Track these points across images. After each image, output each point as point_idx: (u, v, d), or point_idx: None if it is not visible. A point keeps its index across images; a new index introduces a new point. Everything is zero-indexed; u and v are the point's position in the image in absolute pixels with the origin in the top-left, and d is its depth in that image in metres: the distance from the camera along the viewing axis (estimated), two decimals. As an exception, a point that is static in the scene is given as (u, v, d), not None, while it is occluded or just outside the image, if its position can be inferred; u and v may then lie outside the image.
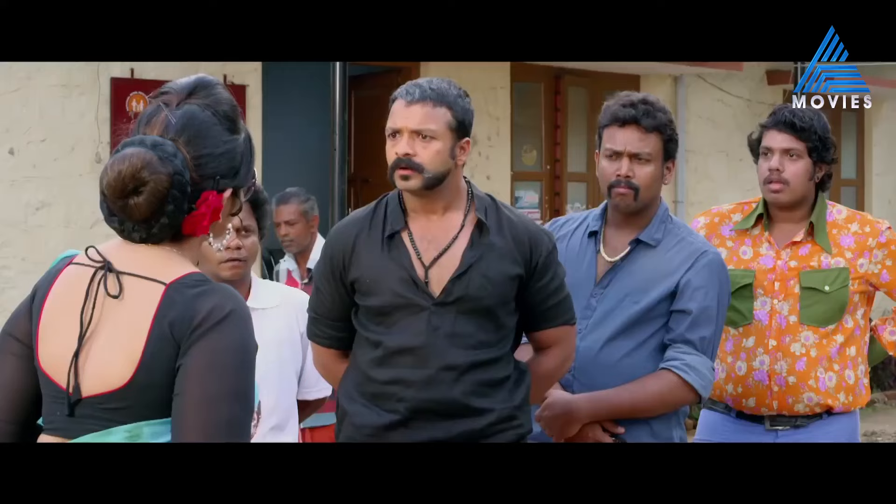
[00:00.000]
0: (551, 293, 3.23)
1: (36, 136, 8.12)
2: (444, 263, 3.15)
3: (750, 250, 4.08)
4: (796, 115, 4.00)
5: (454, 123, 3.14)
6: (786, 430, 4.02)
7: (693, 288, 3.47)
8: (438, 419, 3.12)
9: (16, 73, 8.07)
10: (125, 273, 2.16)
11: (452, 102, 3.14)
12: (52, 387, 2.18)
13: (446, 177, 3.15)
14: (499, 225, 3.19)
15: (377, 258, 3.17)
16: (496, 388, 3.16)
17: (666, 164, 3.55)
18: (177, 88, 2.23)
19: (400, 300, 3.14)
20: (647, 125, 3.50)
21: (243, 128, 2.28)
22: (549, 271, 3.21)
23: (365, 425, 3.17)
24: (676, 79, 11.90)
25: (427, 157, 3.11)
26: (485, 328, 3.15)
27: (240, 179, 2.25)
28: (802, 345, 4.00)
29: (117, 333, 2.14)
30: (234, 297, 2.19)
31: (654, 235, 3.55)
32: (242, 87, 9.07)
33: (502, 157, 10.70)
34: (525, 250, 3.18)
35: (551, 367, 3.30)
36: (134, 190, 2.12)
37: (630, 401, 3.42)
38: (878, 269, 4.03)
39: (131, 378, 2.12)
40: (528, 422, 3.24)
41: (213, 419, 2.09)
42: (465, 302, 3.13)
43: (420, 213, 3.19)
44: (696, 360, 3.43)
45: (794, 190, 4.01)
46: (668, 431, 3.51)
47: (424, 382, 3.12)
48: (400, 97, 3.16)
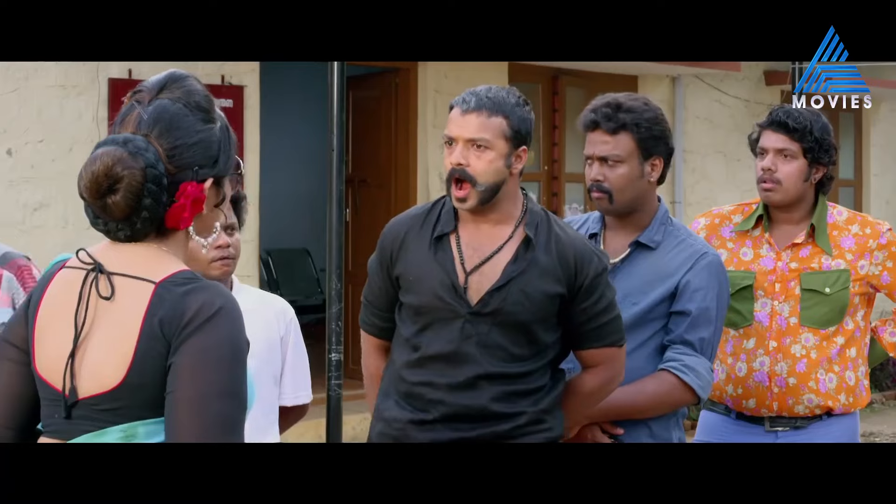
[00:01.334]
0: (597, 314, 3.19)
1: (34, 137, 8.11)
2: (486, 272, 3.16)
3: (750, 252, 4.08)
4: (790, 116, 3.99)
5: (510, 133, 3.15)
6: (786, 430, 4.02)
7: (692, 289, 3.47)
8: (465, 423, 3.14)
9: (14, 73, 8.06)
10: (116, 274, 2.17)
11: (510, 111, 3.15)
12: (48, 390, 2.19)
13: (500, 187, 3.15)
14: (547, 241, 3.18)
15: (423, 257, 3.19)
16: (524, 396, 3.17)
17: (649, 161, 3.51)
18: (149, 86, 2.25)
19: (438, 302, 3.15)
20: (608, 128, 3.48)
21: (219, 117, 2.27)
22: (595, 292, 3.17)
23: (395, 419, 3.20)
24: (674, 79, 11.89)
25: (480, 168, 3.12)
26: (518, 343, 3.15)
27: (219, 168, 2.24)
28: (803, 346, 3.99)
29: (110, 334, 2.15)
30: (224, 293, 2.19)
31: (654, 237, 3.54)
32: (240, 87, 9.06)
33: (500, 158, 10.68)
34: (570, 270, 3.16)
35: (593, 387, 3.27)
36: (109, 188, 2.13)
37: (629, 402, 3.42)
38: (878, 271, 4.02)
39: (124, 378, 2.13)
40: (557, 426, 3.23)
41: (205, 417, 2.09)
42: (501, 315, 3.13)
43: (471, 218, 3.20)
44: (695, 362, 3.43)
45: (786, 190, 4.00)
46: (668, 432, 3.51)
47: (452, 388, 3.14)
48: (456, 105, 3.18)
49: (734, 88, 12.40)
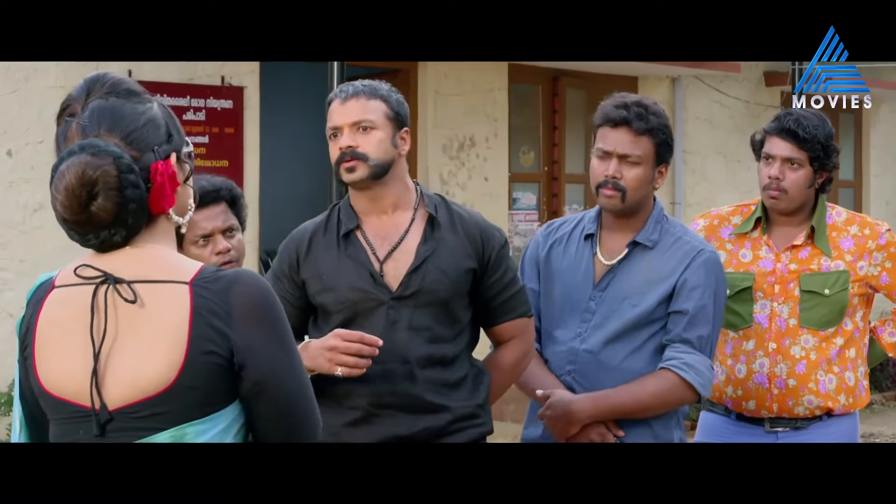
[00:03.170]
0: (505, 286, 3.31)
1: (34, 138, 8.11)
2: (399, 258, 3.22)
3: (749, 253, 4.07)
4: (800, 125, 3.95)
5: (391, 114, 3.25)
6: (786, 431, 4.02)
7: (689, 287, 3.48)
8: (400, 414, 3.16)
9: (13, 74, 8.06)
10: (137, 281, 2.13)
11: (386, 96, 3.27)
12: (69, 409, 2.15)
13: (390, 166, 3.22)
14: (450, 220, 3.27)
15: (333, 256, 3.24)
16: (455, 388, 3.22)
17: (658, 167, 3.55)
18: (74, 97, 2.23)
19: (357, 295, 3.19)
20: (638, 128, 3.49)
21: (151, 96, 2.27)
22: (501, 265, 3.30)
23: (328, 425, 3.15)
24: (674, 80, 11.90)
25: (370, 147, 3.20)
26: (441, 322, 3.21)
27: (175, 143, 2.23)
28: (802, 348, 3.99)
29: (146, 340, 2.11)
30: (254, 275, 2.22)
31: (651, 237, 3.55)
32: (240, 88, 9.06)
33: (500, 159, 10.69)
34: (477, 245, 3.27)
35: (512, 360, 3.36)
36: (89, 195, 2.09)
37: (631, 400, 3.43)
38: (877, 272, 4.02)
39: (174, 380, 2.10)
40: (489, 421, 3.30)
41: (299, 404, 2.23)
42: (423, 295, 3.19)
43: (371, 213, 3.27)
44: (695, 359, 3.44)
45: (792, 198, 3.99)
46: (669, 432, 3.51)
47: (382, 377, 3.15)
48: (335, 97, 3.27)
49: (734, 89, 12.41)
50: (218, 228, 3.52)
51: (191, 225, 3.51)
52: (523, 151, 11.13)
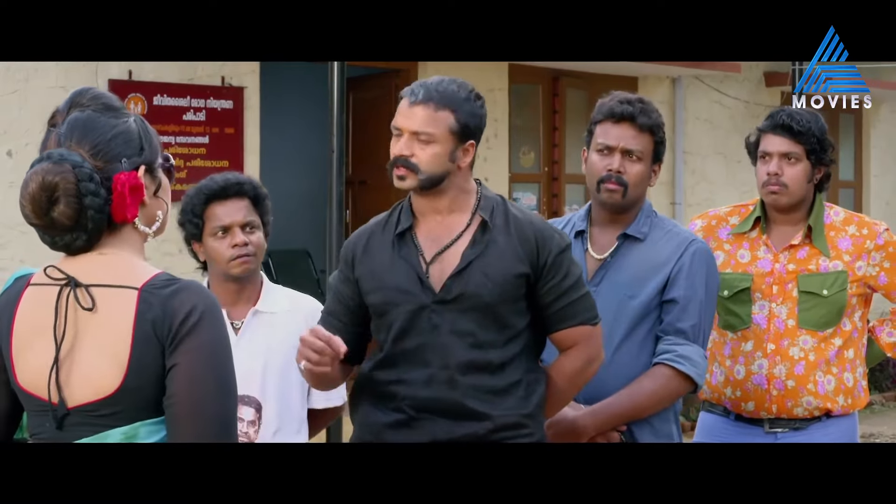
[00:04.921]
0: (565, 292, 3.17)
1: (34, 138, 8.10)
2: (446, 260, 3.15)
3: (748, 254, 4.07)
4: (794, 119, 3.98)
5: (456, 127, 3.11)
6: (785, 432, 4.01)
7: (681, 277, 3.50)
8: (440, 419, 3.11)
9: (14, 74, 8.07)
10: (94, 285, 2.23)
11: (458, 106, 3.11)
12: (36, 402, 2.25)
13: (444, 178, 3.14)
14: (505, 224, 3.17)
15: (387, 256, 3.19)
16: (502, 395, 3.13)
17: (653, 166, 3.59)
18: (60, 108, 2.35)
19: (401, 296, 3.14)
20: (642, 123, 3.53)
21: (130, 112, 2.37)
22: (560, 269, 3.16)
23: (372, 423, 3.18)
24: (674, 80, 11.89)
25: (424, 159, 3.11)
26: (486, 327, 3.13)
27: (146, 156, 2.31)
28: (801, 348, 3.99)
29: (100, 343, 2.21)
30: (205, 291, 2.27)
31: (641, 229, 3.57)
32: (240, 88, 9.06)
33: (500, 159, 10.70)
34: (531, 248, 3.15)
35: (573, 369, 3.22)
36: (49, 200, 2.22)
37: (631, 405, 3.43)
38: (875, 272, 4.02)
39: (122, 383, 2.19)
40: (538, 431, 3.19)
41: (204, 417, 2.18)
42: (466, 299, 3.11)
43: (427, 214, 3.20)
44: (689, 350, 3.45)
45: (792, 193, 4.00)
46: (668, 426, 3.53)
47: (424, 382, 3.12)
48: (405, 96, 3.16)
49: (734, 90, 12.41)
50: (237, 222, 3.53)
51: (210, 217, 3.55)
52: (523, 152, 11.14)
